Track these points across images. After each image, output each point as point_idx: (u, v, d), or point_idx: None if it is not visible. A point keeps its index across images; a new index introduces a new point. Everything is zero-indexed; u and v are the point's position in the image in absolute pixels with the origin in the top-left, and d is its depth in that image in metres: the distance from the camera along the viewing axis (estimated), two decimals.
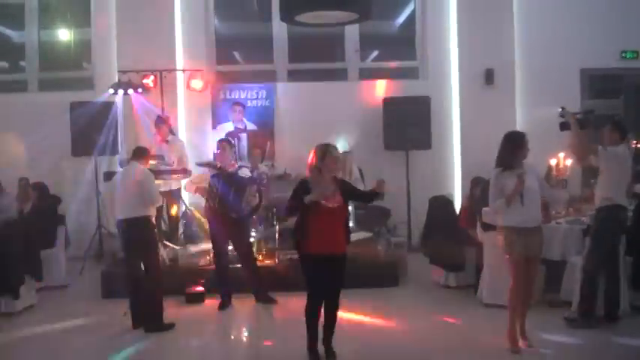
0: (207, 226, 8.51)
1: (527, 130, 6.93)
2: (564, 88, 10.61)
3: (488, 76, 10.92)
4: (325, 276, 5.63)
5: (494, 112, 10.44)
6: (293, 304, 7.01)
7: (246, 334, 7.16)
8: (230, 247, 7.89)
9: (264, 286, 7.78)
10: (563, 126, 6.71)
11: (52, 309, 7.93)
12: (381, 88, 11.12)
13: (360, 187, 10.08)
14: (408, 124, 10.53)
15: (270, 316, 7.37)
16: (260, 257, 8.34)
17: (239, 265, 7.84)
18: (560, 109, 6.72)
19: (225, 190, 7.57)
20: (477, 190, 7.91)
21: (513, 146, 5.88)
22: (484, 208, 7.01)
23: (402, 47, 11.96)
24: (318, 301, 5.70)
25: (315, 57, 11.88)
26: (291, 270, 7.82)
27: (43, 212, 8.80)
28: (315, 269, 5.63)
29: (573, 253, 6.92)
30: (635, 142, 10.93)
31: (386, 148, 10.77)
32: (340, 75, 11.72)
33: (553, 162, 7.58)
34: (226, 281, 7.75)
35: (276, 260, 8.42)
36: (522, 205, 5.75)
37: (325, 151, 5.80)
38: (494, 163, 5.99)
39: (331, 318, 5.77)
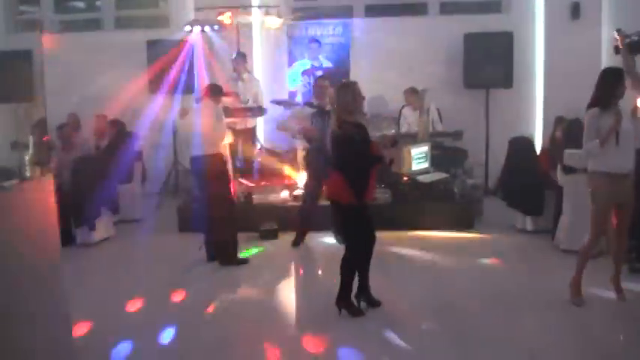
0: (280, 165, 8.54)
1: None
2: None
3: (575, 10, 10.31)
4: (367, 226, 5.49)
5: (580, 49, 9.87)
6: None
7: (319, 271, 7.19)
8: None
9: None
10: (617, 49, 6.28)
11: (129, 241, 8.20)
12: (462, 24, 10.62)
13: (438, 127, 9.90)
14: (489, 61, 10.12)
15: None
16: None
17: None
18: (616, 31, 6.29)
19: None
20: (559, 130, 7.57)
21: (612, 84, 5.46)
22: (567, 150, 6.70)
23: None
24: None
25: None
26: None
27: (119, 148, 8.98)
28: (365, 217, 5.45)
29: None
30: None
31: (466, 86, 10.41)
32: (420, 9, 11.33)
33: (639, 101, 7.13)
34: (309, 220, 7.72)
35: None
36: (618, 148, 5.36)
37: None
38: (582, 102, 5.61)
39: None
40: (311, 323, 5.43)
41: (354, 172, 5.27)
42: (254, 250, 7.51)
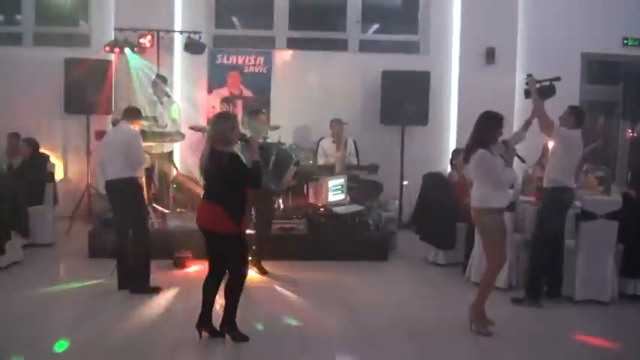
0: (196, 191, 8.49)
1: (526, 110, 6.92)
2: (565, 71, 10.45)
3: (490, 55, 10.81)
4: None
5: (493, 91, 10.29)
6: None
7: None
8: None
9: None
10: (527, 93, 6.73)
11: (38, 266, 7.90)
12: (380, 61, 10.91)
13: (354, 160, 10.10)
14: (406, 99, 10.42)
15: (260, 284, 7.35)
16: None
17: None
18: (526, 76, 6.74)
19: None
20: (459, 159, 7.80)
21: (496, 126, 5.84)
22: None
23: (403, 21, 11.81)
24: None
25: (316, 26, 11.70)
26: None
27: (32, 168, 8.71)
28: (242, 244, 5.56)
29: (568, 236, 6.87)
30: (631, 131, 10.98)
31: (382, 122, 10.66)
32: (340, 45, 11.55)
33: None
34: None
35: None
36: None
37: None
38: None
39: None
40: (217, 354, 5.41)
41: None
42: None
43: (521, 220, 7.26)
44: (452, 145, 10.99)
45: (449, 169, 10.30)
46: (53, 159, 9.63)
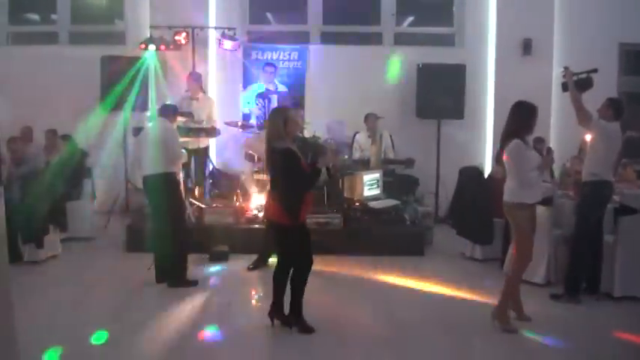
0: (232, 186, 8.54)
1: (563, 103, 6.78)
2: (602, 62, 10.28)
3: (526, 46, 10.66)
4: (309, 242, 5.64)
5: (530, 84, 10.11)
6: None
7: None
8: None
9: None
10: (564, 87, 6.60)
11: (76, 260, 8.03)
12: (415, 54, 10.85)
13: (391, 154, 10.04)
14: (442, 93, 10.34)
15: None
16: None
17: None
18: (563, 69, 6.61)
19: None
20: None
21: (529, 114, 5.75)
22: None
23: (438, 13, 11.71)
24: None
25: (350, 20, 11.67)
26: None
27: (70, 164, 8.82)
28: (304, 236, 5.58)
29: (606, 231, 6.74)
30: None
31: (418, 115, 10.59)
32: (375, 39, 11.50)
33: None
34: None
35: None
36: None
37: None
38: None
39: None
40: (264, 346, 5.42)
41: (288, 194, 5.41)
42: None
43: (560, 215, 7.13)
44: (489, 139, 10.90)
45: (489, 164, 10.24)
46: (91, 155, 9.73)
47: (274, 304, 5.61)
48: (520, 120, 5.72)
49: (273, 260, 7.12)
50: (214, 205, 8.92)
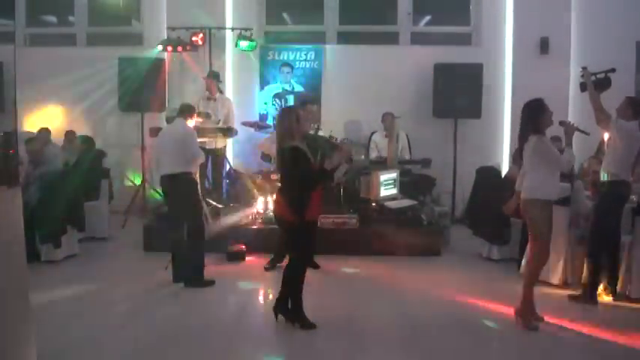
0: (251, 186, 8.56)
1: (581, 102, 6.73)
2: (620, 61, 10.20)
3: (544, 45, 10.58)
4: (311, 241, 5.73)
5: (548, 83, 10.02)
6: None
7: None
8: None
9: None
10: (583, 87, 6.57)
11: (93, 260, 8.10)
12: (432, 54, 10.81)
13: (407, 154, 10.01)
14: (459, 92, 10.29)
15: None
16: None
17: None
18: (581, 69, 6.57)
19: None
20: None
21: (539, 109, 5.77)
22: None
23: (455, 12, 11.65)
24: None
25: (366, 19, 11.66)
26: None
27: (88, 165, 8.88)
28: (309, 235, 5.62)
29: (623, 232, 6.67)
30: None
31: (435, 115, 10.56)
32: (391, 39, 11.48)
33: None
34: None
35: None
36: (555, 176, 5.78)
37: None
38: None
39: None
40: (280, 345, 5.43)
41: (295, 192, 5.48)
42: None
43: (577, 215, 7.08)
44: (506, 139, 10.82)
45: (506, 164, 10.16)
46: (108, 156, 9.80)
47: (278, 300, 5.68)
48: (532, 119, 5.75)
49: None
50: (231, 205, 8.95)
